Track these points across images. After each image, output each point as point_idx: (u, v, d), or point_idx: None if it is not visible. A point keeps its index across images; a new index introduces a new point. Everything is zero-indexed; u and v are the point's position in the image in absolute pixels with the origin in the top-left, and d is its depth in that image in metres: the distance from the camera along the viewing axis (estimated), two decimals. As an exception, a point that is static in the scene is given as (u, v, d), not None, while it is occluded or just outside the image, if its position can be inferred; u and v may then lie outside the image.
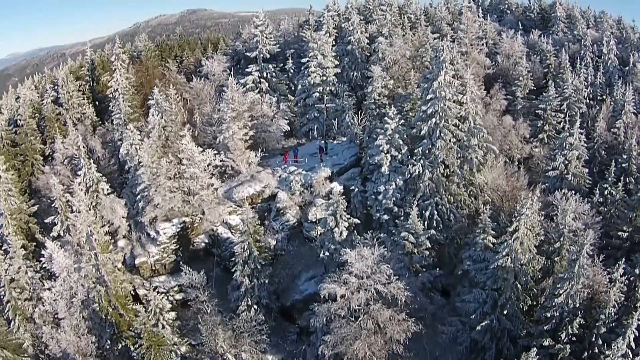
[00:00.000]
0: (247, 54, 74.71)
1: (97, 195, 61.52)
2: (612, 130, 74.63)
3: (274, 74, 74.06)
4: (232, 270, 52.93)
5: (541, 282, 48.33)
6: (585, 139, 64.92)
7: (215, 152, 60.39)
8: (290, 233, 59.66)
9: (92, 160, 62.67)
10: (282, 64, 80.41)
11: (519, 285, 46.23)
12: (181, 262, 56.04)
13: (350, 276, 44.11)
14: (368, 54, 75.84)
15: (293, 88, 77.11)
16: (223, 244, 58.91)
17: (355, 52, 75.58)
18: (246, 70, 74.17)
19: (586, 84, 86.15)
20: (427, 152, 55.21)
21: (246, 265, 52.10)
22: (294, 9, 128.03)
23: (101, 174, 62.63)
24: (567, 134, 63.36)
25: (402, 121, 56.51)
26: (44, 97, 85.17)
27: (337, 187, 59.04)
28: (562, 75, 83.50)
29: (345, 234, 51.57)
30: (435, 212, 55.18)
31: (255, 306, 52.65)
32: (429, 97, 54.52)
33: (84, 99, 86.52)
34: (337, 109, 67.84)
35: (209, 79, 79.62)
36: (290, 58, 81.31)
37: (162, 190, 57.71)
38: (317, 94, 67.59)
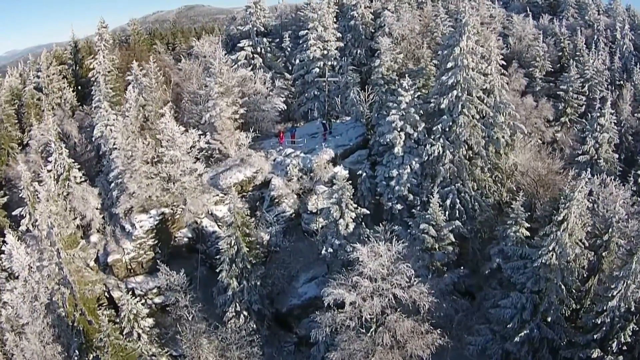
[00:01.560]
0: (239, 27, 63.09)
1: (68, 184, 50.80)
2: (636, 115, 66.94)
3: (268, 49, 62.45)
4: (217, 270, 41.97)
5: (586, 281, 38.87)
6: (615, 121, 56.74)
7: (200, 133, 49.13)
8: (287, 226, 48.56)
9: (64, 146, 52.11)
10: (278, 41, 69.35)
11: (563, 286, 36.35)
12: (159, 261, 46.17)
13: (361, 279, 33.28)
14: (373, 30, 64.65)
15: (290, 68, 65.81)
16: (208, 238, 48.32)
17: (358, 27, 64.33)
18: (238, 45, 62.65)
19: (604, 67, 76.73)
20: (447, 129, 44.46)
21: (234, 265, 41.59)
22: (294, 4, 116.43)
23: (74, 160, 52.05)
24: (598, 114, 54.68)
25: (419, 94, 45.44)
26: (27, 83, 76.18)
27: (341, 171, 47.91)
28: (580, 58, 74.98)
29: (351, 226, 41.04)
30: (458, 201, 44.41)
31: (245, 312, 42.25)
32: (449, 65, 44.18)
33: (64, 83, 75.51)
34: (339, 85, 56.96)
35: (198, 59, 68.45)
36: (288, 38, 70.13)
37: (137, 177, 47.26)
38: (317, 70, 56.98)
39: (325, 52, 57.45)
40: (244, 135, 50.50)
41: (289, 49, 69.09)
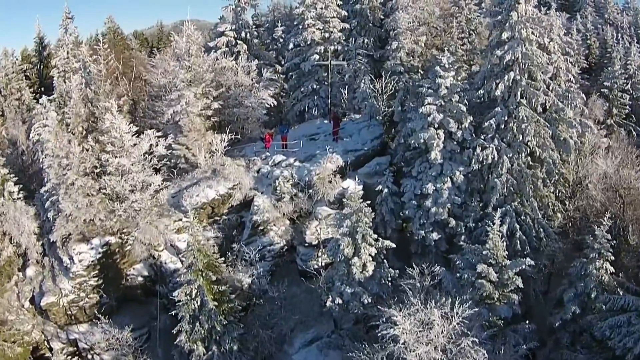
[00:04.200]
0: (221, 8, 47.35)
1: (2, 202, 36.04)
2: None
3: (255, 33, 46.64)
4: (175, 331, 26.80)
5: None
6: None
7: (160, 134, 33.52)
8: (275, 264, 32.79)
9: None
10: (268, 27, 54.34)
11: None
12: (103, 307, 32.87)
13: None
14: (382, 16, 49.04)
15: (283, 61, 50.30)
16: (169, 278, 32.86)
17: (365, 12, 48.71)
18: (217, 29, 47.00)
19: (637, 65, 63.42)
20: (501, 126, 29.11)
21: (197, 323, 25.76)
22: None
23: (11, 172, 37.21)
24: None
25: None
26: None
27: (353, 186, 31.74)
28: (611, 55, 60.44)
29: (370, 267, 26.05)
30: (518, 227, 28.96)
31: (218, 389, 27.22)
32: (504, 36, 29.45)
33: (23, 83, 60.78)
34: (344, 76, 41.99)
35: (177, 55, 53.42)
36: (281, 28, 54.95)
37: (73, 193, 32.02)
38: (316, 56, 41.54)
39: (327, 34, 42.31)
40: (218, 139, 34.72)
41: (281, 40, 53.90)
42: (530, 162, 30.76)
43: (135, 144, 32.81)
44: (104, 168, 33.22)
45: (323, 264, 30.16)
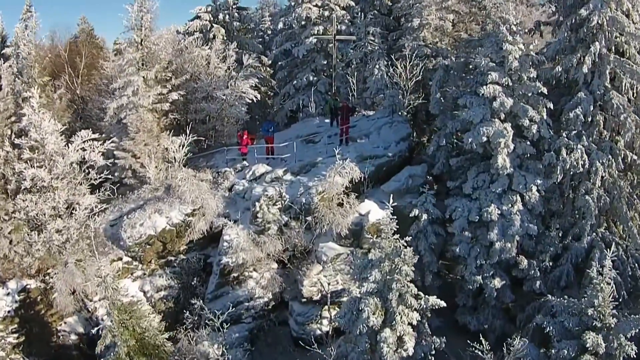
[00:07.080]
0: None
1: None
2: None
3: (236, 14, 36.17)
4: None
5: None
6: None
7: (97, 136, 22.69)
8: (258, 328, 21.49)
9: None
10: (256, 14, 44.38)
11: None
12: None
13: None
14: (390, 2, 38.69)
15: (271, 51, 39.86)
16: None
17: None
18: (190, 11, 36.73)
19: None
20: (587, 121, 18.88)
21: None
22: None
23: None
24: None
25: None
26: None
27: (377, 212, 20.79)
28: None
29: (411, 342, 14.95)
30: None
31: None
32: None
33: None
34: (351, 60, 31.64)
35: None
36: (269, 18, 44.99)
37: (-21, 218, 21.66)
38: (312, 39, 31.27)
39: (327, 12, 32.00)
40: (177, 143, 23.45)
41: (269, 33, 43.70)
42: (619, 171, 20.86)
43: (63, 150, 22.51)
44: (20, 183, 23.00)
45: (330, 329, 19.29)
